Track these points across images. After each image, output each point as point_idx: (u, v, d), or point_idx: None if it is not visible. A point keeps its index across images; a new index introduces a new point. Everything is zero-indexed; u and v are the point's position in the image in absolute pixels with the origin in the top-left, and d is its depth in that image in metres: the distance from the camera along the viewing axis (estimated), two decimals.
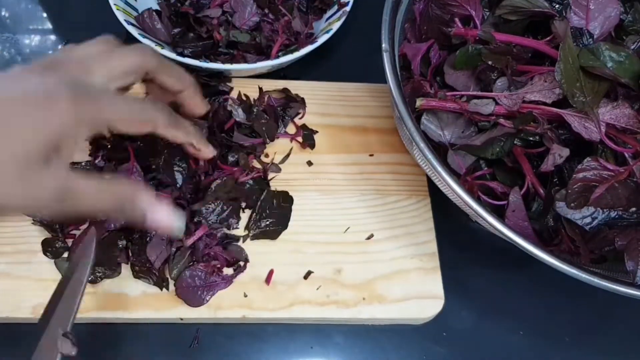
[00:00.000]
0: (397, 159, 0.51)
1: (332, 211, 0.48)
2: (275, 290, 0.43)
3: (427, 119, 0.43)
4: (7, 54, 0.58)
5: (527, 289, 0.47)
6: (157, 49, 0.49)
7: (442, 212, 0.48)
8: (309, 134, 0.52)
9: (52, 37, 0.59)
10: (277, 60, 0.50)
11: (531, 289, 0.47)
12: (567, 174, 0.39)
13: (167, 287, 0.42)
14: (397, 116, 0.43)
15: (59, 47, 0.58)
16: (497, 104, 0.40)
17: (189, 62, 0.49)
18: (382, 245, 0.46)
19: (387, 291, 0.44)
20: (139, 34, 0.50)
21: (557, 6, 0.42)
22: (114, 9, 0.51)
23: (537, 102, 0.40)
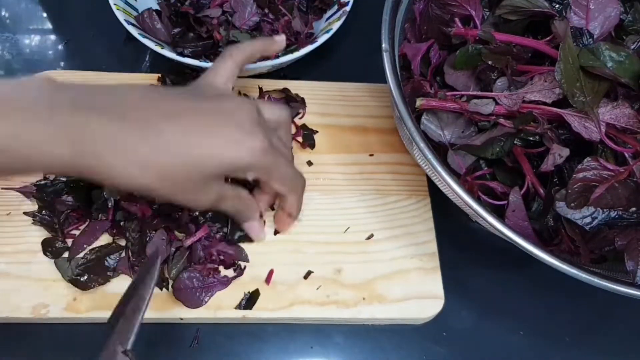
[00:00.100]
0: (397, 159, 0.51)
1: (332, 211, 0.48)
2: (275, 290, 0.43)
3: (427, 118, 0.43)
4: (7, 54, 0.58)
5: (527, 289, 0.47)
6: (157, 48, 0.49)
7: (442, 212, 0.48)
8: (309, 134, 0.52)
9: (52, 37, 0.60)
10: (277, 60, 0.50)
11: (531, 289, 0.47)
12: (567, 173, 0.39)
13: (167, 287, 0.42)
14: (397, 116, 0.43)
15: (59, 47, 0.58)
16: (497, 103, 0.40)
17: (189, 62, 0.49)
18: (382, 245, 0.46)
19: (387, 291, 0.44)
20: (139, 33, 0.50)
21: (557, 6, 0.42)
22: (114, 8, 0.51)
23: (537, 102, 0.40)
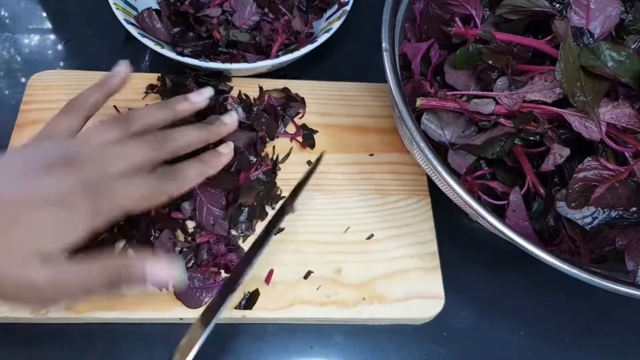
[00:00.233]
0: (397, 158, 0.51)
1: (332, 211, 0.48)
2: (275, 290, 0.43)
3: (428, 118, 0.43)
4: (7, 54, 0.57)
5: (527, 289, 0.47)
6: (157, 48, 0.49)
7: (442, 212, 0.48)
8: (309, 134, 0.52)
9: (52, 36, 0.59)
10: (277, 59, 0.50)
11: (531, 288, 0.47)
12: (568, 173, 0.39)
13: (167, 287, 0.42)
14: (397, 116, 0.43)
15: (59, 46, 0.58)
16: (497, 103, 0.40)
17: (189, 61, 0.49)
18: (382, 245, 0.46)
19: (387, 291, 0.44)
20: (138, 33, 0.50)
21: (558, 5, 0.42)
22: (114, 8, 0.51)
23: (538, 102, 0.40)
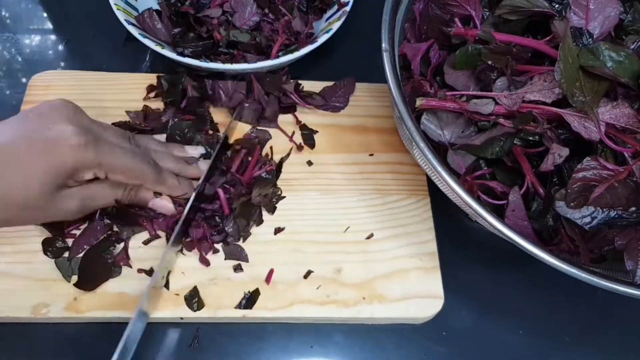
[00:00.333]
0: (397, 158, 0.51)
1: (332, 211, 0.48)
2: (275, 289, 0.43)
3: (427, 118, 0.43)
4: (7, 54, 0.58)
5: (527, 289, 0.47)
6: (157, 48, 0.49)
7: (442, 212, 0.48)
8: (308, 134, 0.52)
9: (52, 37, 0.60)
10: (277, 60, 0.50)
11: (531, 288, 0.47)
12: (567, 173, 0.39)
13: (167, 286, 0.42)
14: (397, 116, 0.43)
15: (59, 47, 0.58)
16: (496, 103, 0.40)
17: (189, 62, 0.49)
18: (382, 244, 0.46)
19: (387, 290, 0.44)
20: (139, 33, 0.50)
21: (557, 6, 0.42)
22: (114, 8, 0.51)
23: (537, 102, 0.40)
